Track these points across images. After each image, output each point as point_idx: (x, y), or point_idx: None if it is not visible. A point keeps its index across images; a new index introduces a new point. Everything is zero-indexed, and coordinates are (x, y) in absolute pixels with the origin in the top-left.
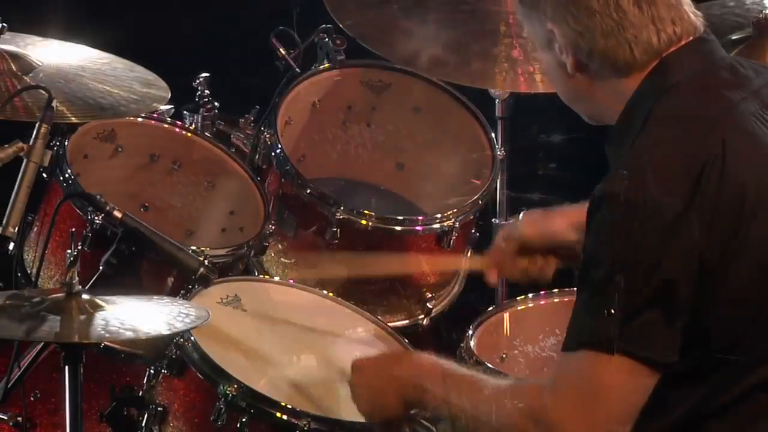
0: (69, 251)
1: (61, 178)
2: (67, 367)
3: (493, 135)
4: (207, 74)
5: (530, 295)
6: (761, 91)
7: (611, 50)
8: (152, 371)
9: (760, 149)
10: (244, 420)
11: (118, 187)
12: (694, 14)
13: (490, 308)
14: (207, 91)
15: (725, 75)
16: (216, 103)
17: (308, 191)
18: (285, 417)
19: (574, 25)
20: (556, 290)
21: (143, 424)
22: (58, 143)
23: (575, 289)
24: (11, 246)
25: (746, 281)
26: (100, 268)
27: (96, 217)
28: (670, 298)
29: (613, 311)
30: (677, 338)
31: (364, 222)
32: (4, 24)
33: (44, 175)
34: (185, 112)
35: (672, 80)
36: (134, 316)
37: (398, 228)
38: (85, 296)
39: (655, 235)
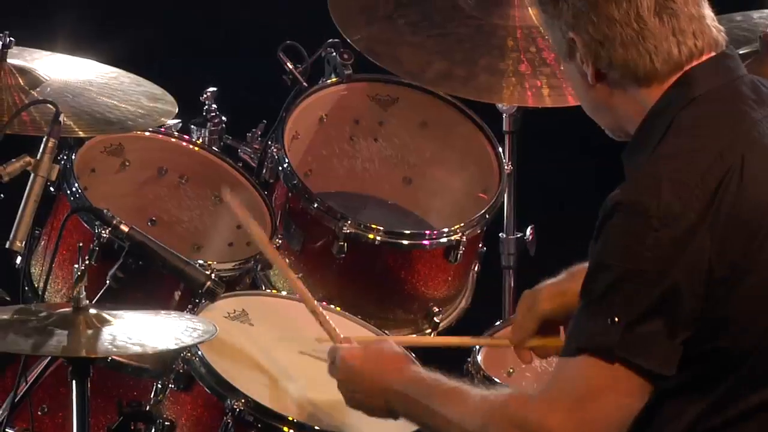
0: (76, 266)
1: (69, 192)
2: (74, 382)
3: (500, 149)
4: (214, 88)
5: None
6: None
7: (631, 60)
8: (159, 385)
9: None
10: None
11: (126, 201)
12: (717, 29)
13: (498, 322)
14: (214, 106)
15: (747, 92)
16: (223, 118)
17: (315, 205)
18: (292, 431)
19: (594, 34)
20: None
21: None
22: (65, 157)
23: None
24: (18, 260)
25: (755, 299)
26: (107, 282)
27: (103, 231)
28: (674, 310)
29: (616, 318)
30: (677, 351)
31: (371, 236)
32: (12, 39)
33: (51, 189)
34: (192, 126)
35: (695, 93)
36: (141, 331)
37: (405, 242)
38: (92, 311)
39: (666, 245)
